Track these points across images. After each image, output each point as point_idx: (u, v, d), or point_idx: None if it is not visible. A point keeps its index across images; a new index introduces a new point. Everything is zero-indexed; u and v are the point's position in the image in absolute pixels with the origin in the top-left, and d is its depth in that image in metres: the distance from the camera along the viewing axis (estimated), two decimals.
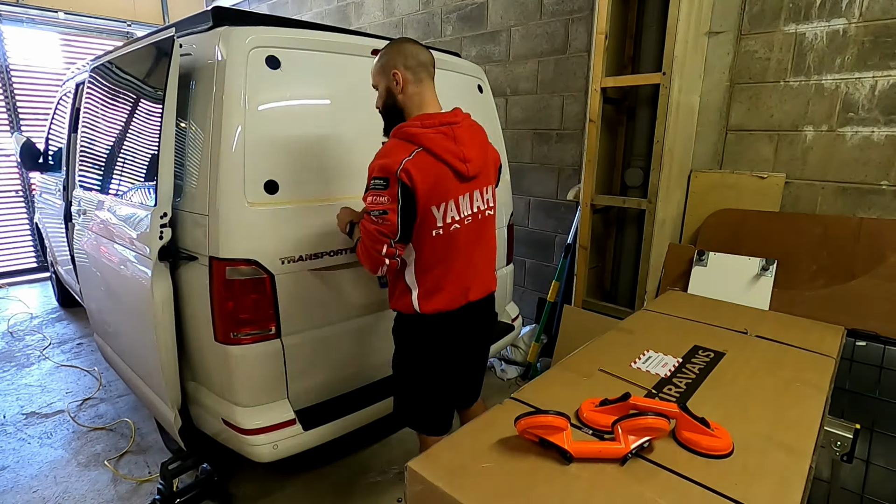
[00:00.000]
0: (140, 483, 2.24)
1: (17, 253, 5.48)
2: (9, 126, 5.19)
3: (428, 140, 1.50)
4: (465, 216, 1.60)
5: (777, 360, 1.41)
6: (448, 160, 1.51)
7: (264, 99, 1.77)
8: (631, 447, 0.94)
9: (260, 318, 1.79)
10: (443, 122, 1.55)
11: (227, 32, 1.75)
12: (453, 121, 1.58)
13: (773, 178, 2.57)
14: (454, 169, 1.53)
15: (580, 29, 3.26)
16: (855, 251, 2.30)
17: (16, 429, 2.69)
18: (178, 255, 1.87)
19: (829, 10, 2.35)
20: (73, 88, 3.25)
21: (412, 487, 0.93)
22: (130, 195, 2.09)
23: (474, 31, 3.83)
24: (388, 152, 1.49)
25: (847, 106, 2.36)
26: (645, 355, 1.41)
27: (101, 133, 2.47)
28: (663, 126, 2.46)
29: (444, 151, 1.51)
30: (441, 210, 1.53)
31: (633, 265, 2.82)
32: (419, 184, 1.45)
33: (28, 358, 3.54)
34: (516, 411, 1.00)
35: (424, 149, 1.49)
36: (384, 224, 1.47)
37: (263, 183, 1.75)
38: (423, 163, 1.47)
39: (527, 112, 3.62)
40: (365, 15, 4.67)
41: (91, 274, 2.56)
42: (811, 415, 1.14)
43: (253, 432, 1.79)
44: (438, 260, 1.58)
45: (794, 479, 0.91)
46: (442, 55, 2.44)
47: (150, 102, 1.98)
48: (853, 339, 2.10)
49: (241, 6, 5.97)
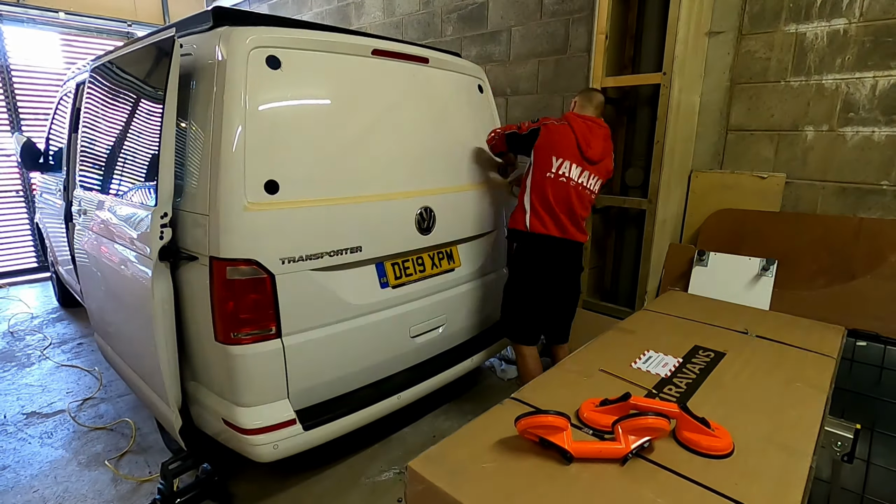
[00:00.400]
0: (140, 483, 2.24)
1: (17, 253, 5.47)
2: (9, 126, 5.19)
3: (574, 122, 2.26)
4: (574, 179, 2.23)
5: (777, 360, 1.41)
6: (578, 136, 2.22)
7: (264, 99, 1.77)
8: (631, 447, 0.94)
9: (260, 318, 1.79)
10: (588, 120, 2.28)
11: (228, 32, 1.75)
12: (596, 122, 2.29)
13: (773, 178, 2.57)
14: (579, 144, 2.21)
15: (580, 29, 3.26)
16: (855, 251, 2.30)
17: (16, 429, 2.69)
18: (179, 255, 1.87)
19: (829, 10, 2.35)
20: (73, 88, 3.24)
21: (412, 487, 0.93)
22: (131, 195, 2.09)
23: (474, 31, 3.82)
24: (549, 118, 2.32)
25: (847, 106, 2.36)
26: (645, 355, 1.41)
27: (101, 133, 2.47)
28: (663, 126, 2.46)
29: (579, 130, 2.23)
30: (558, 162, 2.21)
31: (633, 265, 2.82)
32: (546, 134, 2.25)
33: (28, 358, 3.54)
34: (516, 411, 1.00)
35: (569, 125, 2.25)
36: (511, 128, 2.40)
37: (264, 183, 1.75)
38: (560, 129, 2.25)
39: (527, 112, 3.62)
40: (365, 15, 4.67)
41: (91, 274, 2.56)
42: (811, 415, 1.14)
43: (253, 432, 1.79)
44: (547, 196, 2.23)
45: (794, 479, 0.91)
46: (442, 55, 2.44)
47: (151, 102, 1.98)
48: (853, 339, 2.09)
49: (241, 6, 5.97)
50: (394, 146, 2.17)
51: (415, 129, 2.28)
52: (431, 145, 2.34)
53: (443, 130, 2.42)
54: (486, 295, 2.67)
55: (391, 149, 2.16)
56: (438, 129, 2.39)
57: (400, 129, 2.21)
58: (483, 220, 2.61)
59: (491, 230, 2.67)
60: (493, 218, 2.67)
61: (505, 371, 3.29)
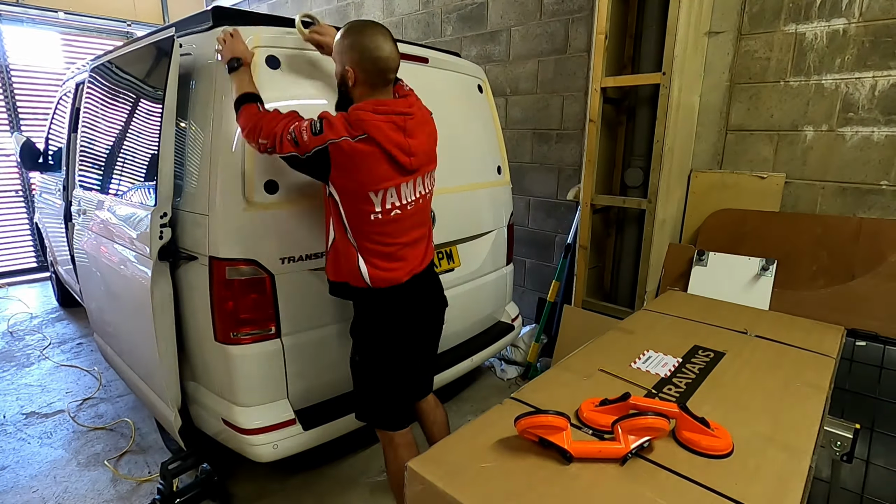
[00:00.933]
0: (140, 483, 2.24)
1: (17, 253, 5.47)
2: (9, 126, 5.19)
3: (377, 128, 1.45)
4: (408, 199, 1.58)
5: (777, 360, 1.41)
6: (391, 149, 1.47)
7: (264, 98, 1.76)
8: (631, 447, 0.94)
9: (260, 318, 1.79)
10: (393, 112, 1.51)
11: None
12: (406, 111, 1.54)
13: (773, 178, 2.57)
14: (396, 159, 1.49)
15: (580, 29, 3.26)
16: (855, 251, 2.30)
17: (16, 429, 2.69)
18: (178, 255, 1.87)
19: (829, 9, 2.35)
20: (72, 88, 3.24)
21: (412, 487, 0.93)
22: (130, 195, 2.08)
23: (474, 30, 3.82)
24: (335, 121, 1.47)
25: (847, 106, 2.36)
26: (645, 355, 1.41)
27: (101, 133, 2.47)
28: (663, 126, 2.46)
29: (389, 139, 1.47)
30: (380, 196, 1.50)
31: (633, 265, 2.82)
32: (343, 163, 1.45)
33: (28, 358, 3.54)
34: (516, 411, 1.00)
35: (372, 138, 1.45)
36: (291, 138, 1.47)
37: (263, 183, 1.75)
38: (360, 151, 1.45)
39: (527, 112, 3.62)
40: (365, 15, 4.67)
41: (91, 274, 2.56)
42: (811, 415, 1.14)
43: (253, 432, 1.79)
44: (385, 240, 1.56)
45: (793, 479, 0.91)
46: (442, 55, 2.44)
47: (150, 102, 1.98)
48: (853, 339, 2.10)
49: (241, 6, 5.97)
50: None
51: None
52: None
53: (442, 130, 2.41)
54: (485, 295, 2.67)
55: None
56: (438, 128, 2.39)
57: None
58: (483, 220, 2.61)
59: (491, 230, 2.67)
60: (492, 218, 2.67)
61: (505, 371, 3.29)
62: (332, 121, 1.46)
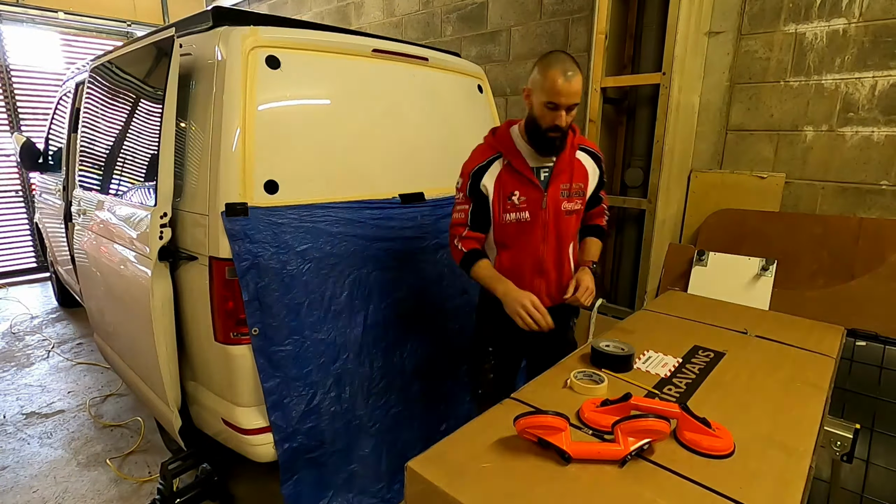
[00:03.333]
0: (140, 483, 2.24)
1: (17, 253, 5.47)
2: (9, 126, 5.19)
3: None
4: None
5: (777, 360, 1.41)
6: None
7: (264, 99, 1.77)
8: (630, 449, 0.94)
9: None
10: None
11: (227, 32, 1.75)
12: None
13: (773, 178, 2.57)
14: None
15: (580, 29, 3.25)
16: (855, 251, 2.30)
17: (16, 429, 2.69)
18: (178, 255, 1.87)
19: (829, 9, 2.35)
20: (72, 88, 3.24)
21: (412, 487, 0.93)
22: (130, 195, 2.08)
23: (474, 31, 3.82)
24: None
25: (847, 106, 2.36)
26: (645, 355, 1.41)
27: (100, 133, 2.46)
28: (663, 126, 2.46)
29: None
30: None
31: (633, 265, 2.82)
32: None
33: (28, 358, 3.54)
34: (516, 411, 1.00)
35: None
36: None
37: (263, 183, 1.75)
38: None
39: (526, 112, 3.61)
40: (365, 15, 4.67)
41: (91, 274, 2.56)
42: (811, 415, 1.14)
43: (253, 432, 1.78)
44: None
45: (794, 479, 0.91)
46: (441, 55, 2.44)
47: (150, 102, 1.97)
48: (853, 339, 2.09)
49: (241, 6, 5.97)
50: (393, 146, 2.17)
51: (414, 130, 2.27)
52: (431, 145, 2.34)
53: (442, 130, 2.42)
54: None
55: (391, 149, 2.16)
56: (438, 129, 2.39)
57: (399, 130, 2.20)
58: None
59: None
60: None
61: None
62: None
